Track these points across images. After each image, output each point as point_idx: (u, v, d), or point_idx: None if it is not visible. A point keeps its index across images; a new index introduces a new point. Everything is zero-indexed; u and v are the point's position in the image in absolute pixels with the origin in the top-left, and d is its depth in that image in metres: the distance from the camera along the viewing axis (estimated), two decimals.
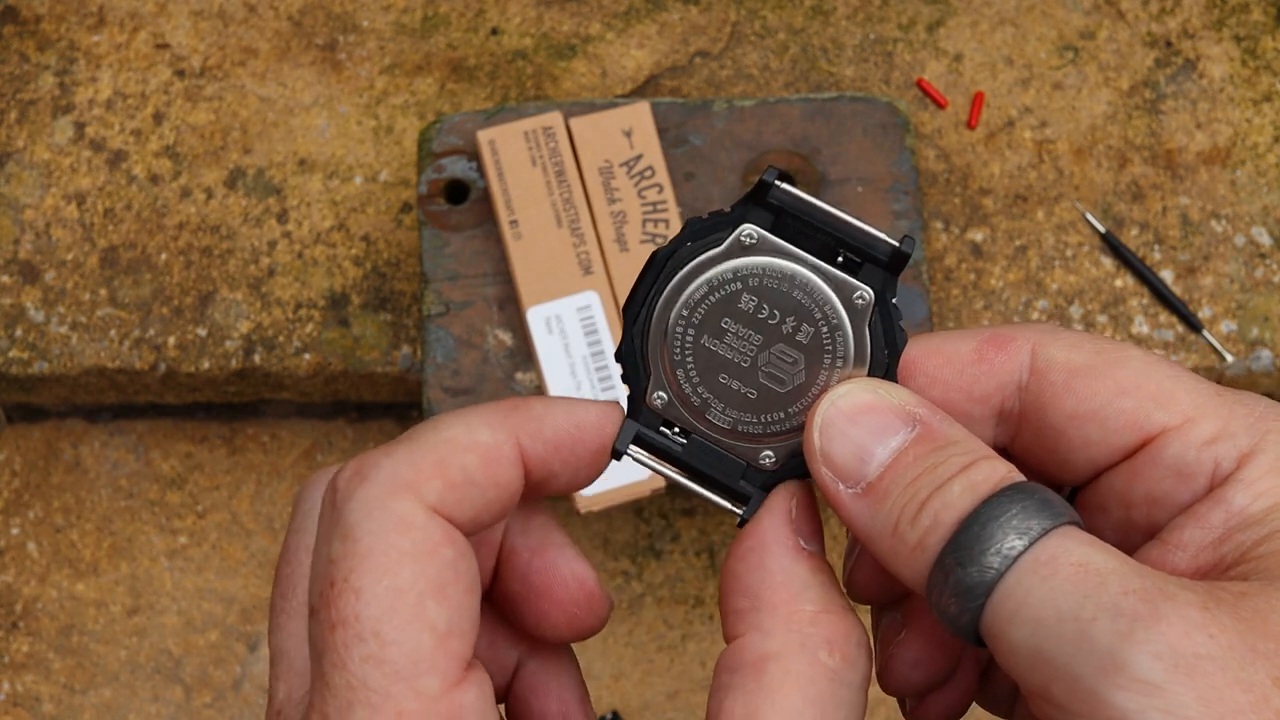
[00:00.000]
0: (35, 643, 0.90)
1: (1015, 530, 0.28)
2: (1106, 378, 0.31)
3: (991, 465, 0.29)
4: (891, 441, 0.30)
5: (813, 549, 0.31)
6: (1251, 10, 0.93)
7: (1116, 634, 0.25)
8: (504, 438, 0.30)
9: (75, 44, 0.93)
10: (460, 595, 0.28)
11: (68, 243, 0.89)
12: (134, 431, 0.93)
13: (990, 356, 0.32)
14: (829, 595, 0.30)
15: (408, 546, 0.28)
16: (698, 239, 0.32)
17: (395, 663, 0.27)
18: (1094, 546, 0.27)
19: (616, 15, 0.93)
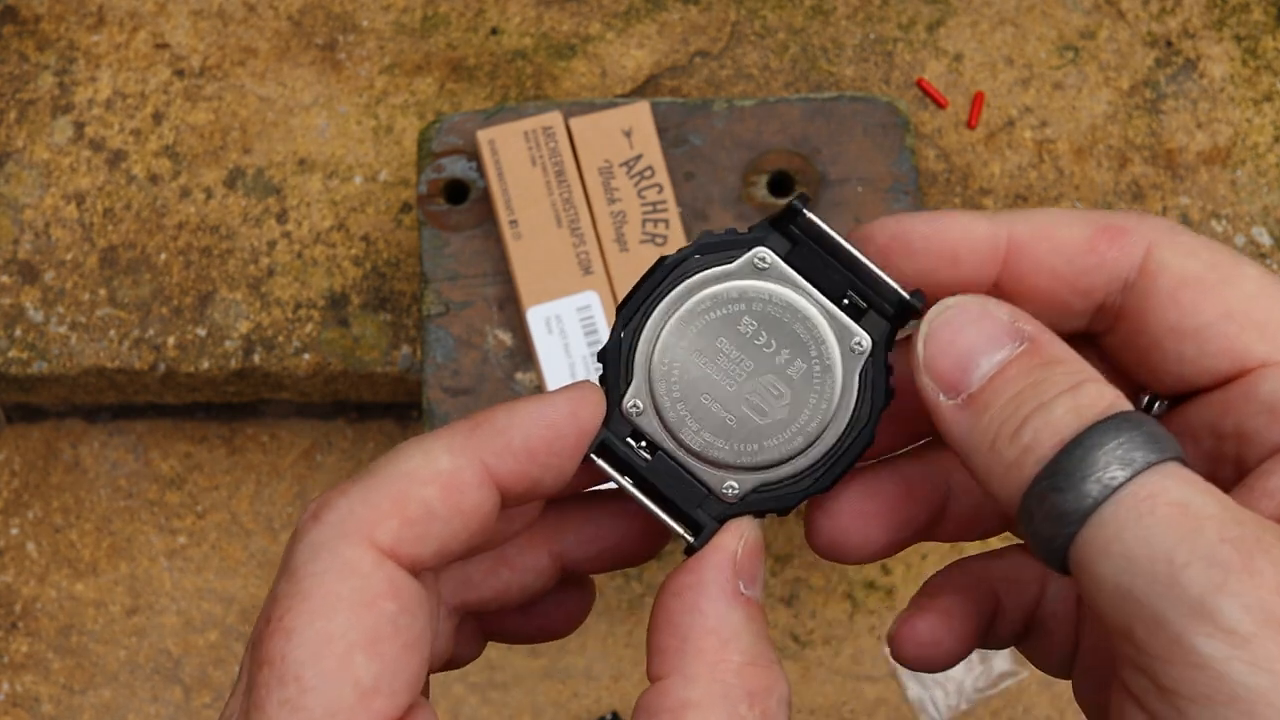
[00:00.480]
0: (34, 643, 0.90)
1: (1118, 461, 0.26)
2: (1215, 295, 0.29)
3: (1099, 389, 0.28)
4: (997, 354, 0.29)
5: (751, 594, 0.30)
6: (1252, 10, 0.93)
7: (1209, 582, 0.25)
8: (465, 462, 0.29)
9: (75, 44, 0.93)
10: (395, 651, 0.27)
11: (67, 243, 0.88)
12: (133, 431, 0.93)
13: (1102, 249, 0.30)
14: (758, 646, 0.29)
15: (346, 593, 0.27)
16: (709, 253, 0.31)
17: (310, 711, 0.26)
18: (1195, 487, 0.26)
19: (616, 15, 0.93)
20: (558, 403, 0.30)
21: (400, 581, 0.28)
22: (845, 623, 0.89)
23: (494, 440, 0.29)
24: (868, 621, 0.89)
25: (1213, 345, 0.29)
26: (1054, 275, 0.30)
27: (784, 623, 0.89)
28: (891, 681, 0.89)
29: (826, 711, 0.88)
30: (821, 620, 0.90)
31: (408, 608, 0.28)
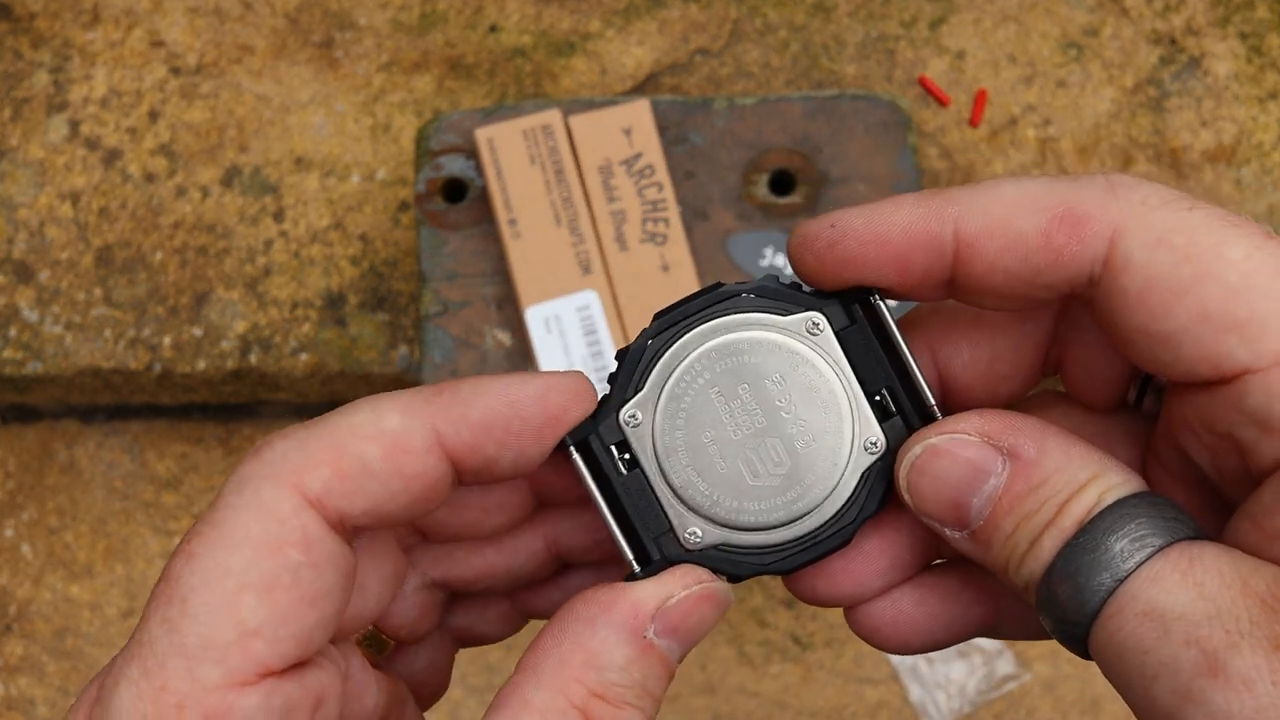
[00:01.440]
0: (29, 645, 0.90)
1: (1090, 587, 0.27)
2: (1189, 295, 0.26)
3: (1079, 503, 0.27)
4: (985, 489, 0.28)
5: (658, 642, 0.28)
6: (1256, 7, 0.93)
7: (1175, 694, 0.25)
8: (416, 424, 0.28)
9: (70, 41, 0.93)
10: (290, 601, 0.27)
11: (62, 242, 0.88)
12: (129, 432, 0.93)
13: (1059, 243, 0.27)
14: (624, 689, 0.28)
15: (256, 533, 0.27)
16: (766, 297, 0.30)
17: (185, 637, 0.26)
18: (1163, 586, 0.26)
19: (616, 12, 0.93)
20: (529, 384, 0.29)
21: (315, 533, 0.27)
22: (846, 625, 0.89)
23: (451, 409, 0.28)
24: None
25: (1188, 351, 0.26)
26: (1008, 275, 0.28)
27: (785, 625, 0.89)
28: (893, 684, 0.88)
29: (828, 714, 0.88)
30: (823, 623, 0.89)
31: (316, 561, 0.27)
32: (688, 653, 0.29)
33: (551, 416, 0.29)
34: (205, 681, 0.26)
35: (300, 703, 0.27)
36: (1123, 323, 0.27)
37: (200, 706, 0.26)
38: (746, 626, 0.89)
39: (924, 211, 0.28)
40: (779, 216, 0.74)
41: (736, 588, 0.89)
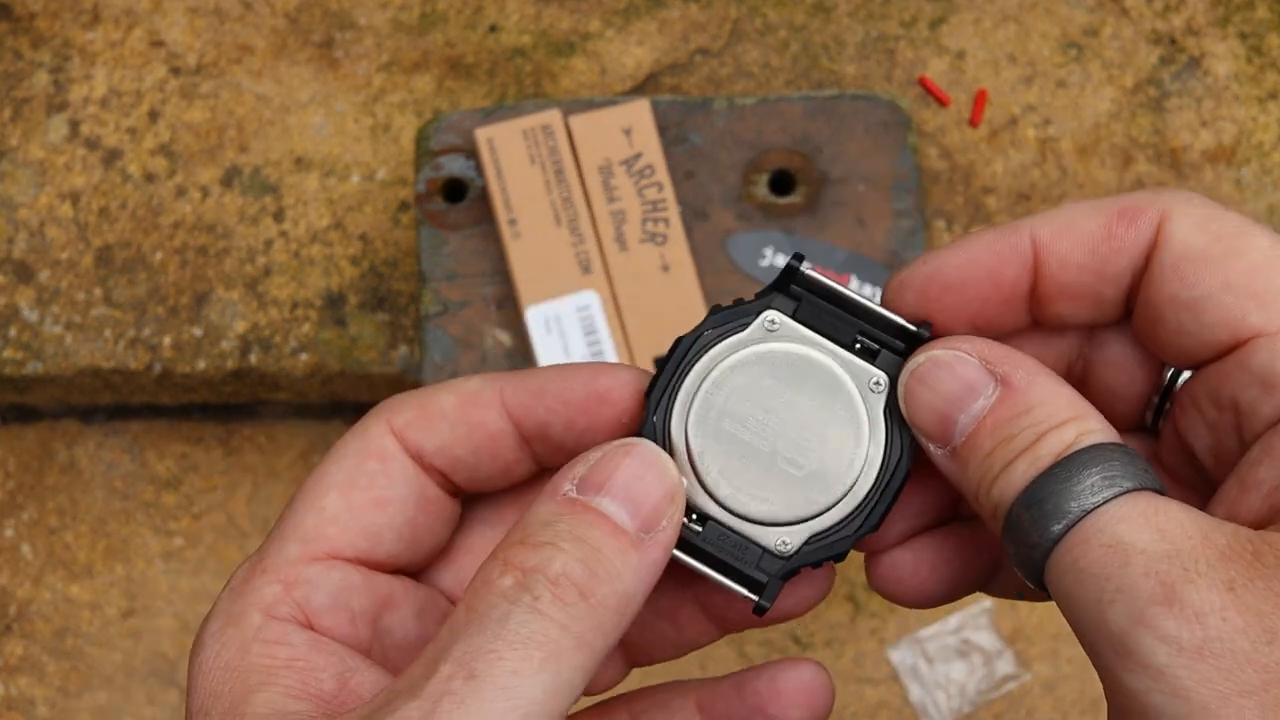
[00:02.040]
0: (29, 645, 0.90)
1: (1057, 513, 0.28)
2: (1217, 267, 0.29)
3: (1057, 434, 0.29)
4: (974, 406, 0.31)
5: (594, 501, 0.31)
6: (1256, 7, 0.92)
7: (1129, 618, 0.26)
8: (488, 385, 0.34)
9: (70, 41, 0.93)
10: (363, 501, 0.33)
11: (62, 242, 0.88)
12: (129, 432, 0.93)
13: (1120, 233, 0.31)
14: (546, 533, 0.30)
15: (350, 451, 0.33)
16: (721, 325, 0.33)
17: (283, 525, 0.33)
18: (1130, 521, 0.28)
19: (616, 12, 0.93)
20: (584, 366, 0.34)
21: (393, 451, 0.33)
22: (847, 625, 0.89)
23: (516, 377, 0.34)
24: (869, 624, 0.89)
25: (1209, 316, 0.29)
26: (1081, 269, 0.31)
27: (785, 625, 0.89)
28: (894, 684, 0.88)
29: None
30: (823, 623, 0.89)
31: (389, 471, 0.33)
32: (651, 519, 0.31)
33: (594, 392, 0.33)
34: (286, 554, 0.32)
35: (360, 589, 0.33)
36: (1158, 291, 0.30)
37: (278, 571, 0.32)
38: None
39: (1002, 230, 0.32)
40: (779, 216, 0.74)
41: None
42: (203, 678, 0.32)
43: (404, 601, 0.34)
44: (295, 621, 0.32)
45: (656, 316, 0.70)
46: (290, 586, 0.32)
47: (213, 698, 0.31)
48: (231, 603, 0.32)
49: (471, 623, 0.29)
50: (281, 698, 0.31)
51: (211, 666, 0.32)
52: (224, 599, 0.33)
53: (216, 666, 0.31)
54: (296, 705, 0.31)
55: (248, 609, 0.32)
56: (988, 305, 0.32)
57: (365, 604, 0.33)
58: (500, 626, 0.28)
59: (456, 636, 0.28)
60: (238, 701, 0.31)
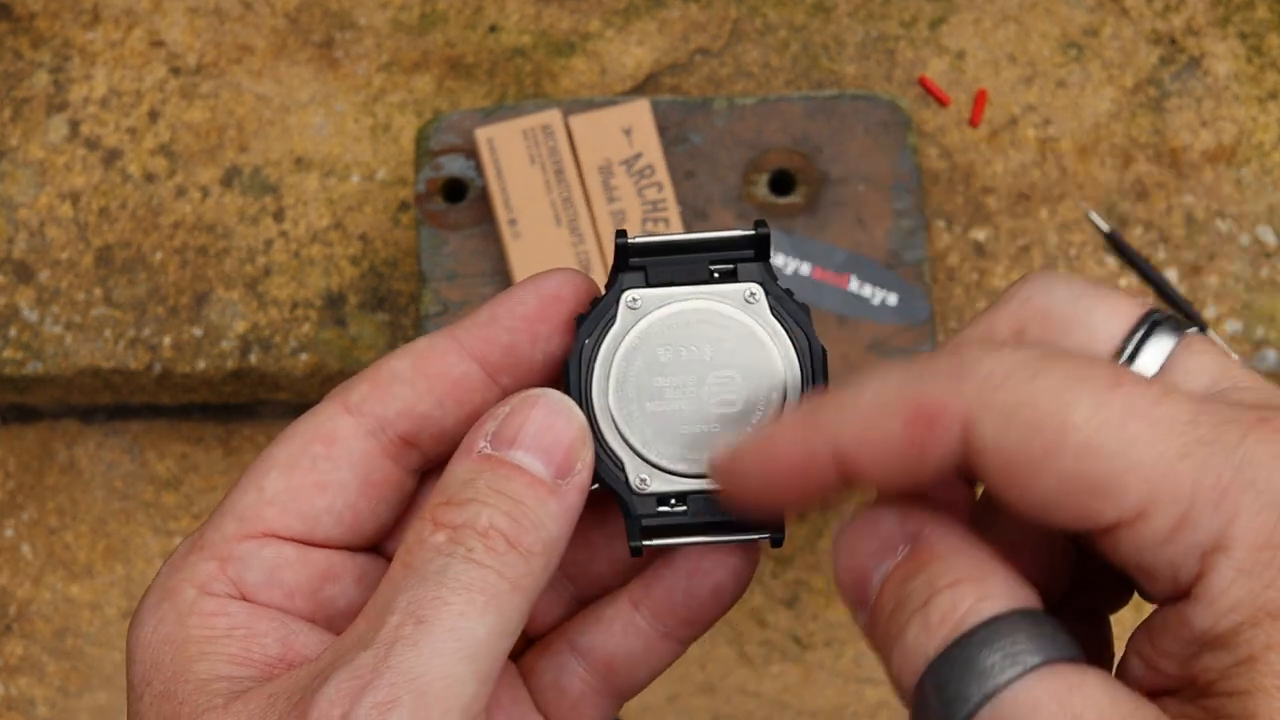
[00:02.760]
0: (29, 645, 0.90)
1: (957, 700, 0.26)
2: (1045, 469, 0.27)
3: (949, 597, 0.28)
4: (884, 565, 0.29)
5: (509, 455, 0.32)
6: (1256, 7, 0.92)
7: None
8: (439, 338, 0.34)
9: (70, 41, 0.93)
10: (304, 484, 0.33)
11: (62, 242, 0.88)
12: (129, 432, 0.93)
13: (920, 439, 0.28)
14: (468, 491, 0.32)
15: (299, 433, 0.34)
16: (593, 327, 0.33)
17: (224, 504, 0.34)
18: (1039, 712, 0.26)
19: (616, 12, 0.93)
20: (527, 281, 0.35)
21: (342, 434, 0.34)
22: (847, 625, 0.89)
23: (463, 321, 0.34)
24: None
25: (1063, 515, 0.27)
26: (889, 475, 0.29)
27: (785, 625, 0.89)
28: None
29: (828, 714, 0.88)
30: (823, 623, 0.89)
31: (333, 455, 0.34)
32: (564, 464, 0.32)
33: (546, 296, 0.34)
34: (223, 531, 0.33)
35: (295, 565, 0.34)
36: (1005, 496, 0.28)
37: (213, 549, 0.33)
38: (746, 626, 0.89)
39: (801, 431, 0.30)
40: (779, 216, 0.74)
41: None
42: (141, 651, 0.32)
43: (343, 572, 0.34)
44: (230, 595, 0.33)
45: None
46: (224, 563, 0.33)
47: (154, 669, 0.32)
48: (168, 578, 0.33)
49: (411, 576, 0.30)
50: (224, 664, 0.32)
51: (150, 640, 0.32)
52: (161, 575, 0.34)
53: (155, 640, 0.32)
54: (239, 671, 0.32)
55: (182, 584, 0.33)
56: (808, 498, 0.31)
57: (300, 579, 0.34)
58: (441, 576, 0.30)
59: (399, 590, 0.30)
60: (180, 671, 0.32)
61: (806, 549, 0.90)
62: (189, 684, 0.31)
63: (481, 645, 0.29)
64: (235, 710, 0.30)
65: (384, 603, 0.30)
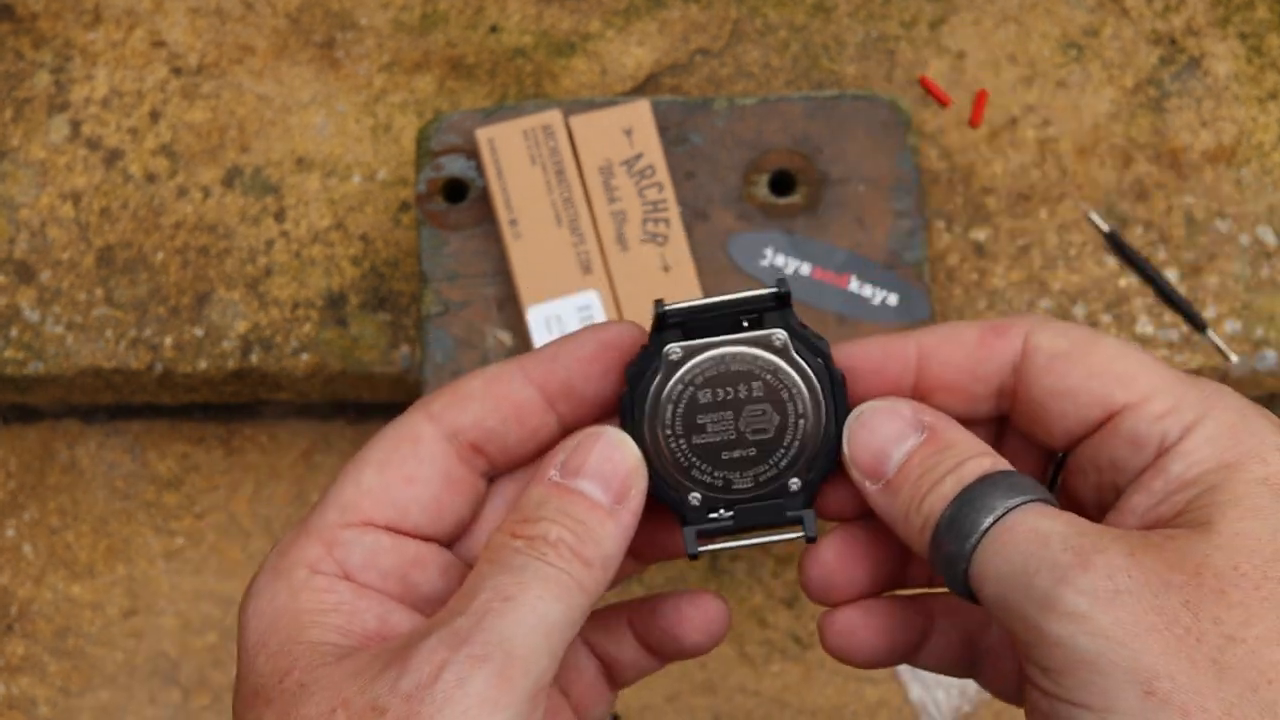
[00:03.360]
0: (31, 645, 0.90)
1: (986, 510, 0.35)
2: (1081, 362, 0.37)
3: (978, 461, 0.37)
4: (905, 445, 0.38)
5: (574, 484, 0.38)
6: (1256, 7, 0.93)
7: (1053, 580, 0.33)
8: (509, 365, 0.40)
9: (71, 41, 0.93)
10: (395, 478, 0.39)
11: (63, 242, 0.88)
12: (130, 432, 0.93)
13: (991, 342, 0.39)
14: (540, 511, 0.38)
15: (388, 436, 0.39)
16: (638, 379, 0.39)
17: (325, 497, 0.39)
18: (1047, 516, 0.35)
19: (616, 12, 0.93)
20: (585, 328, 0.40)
21: (425, 436, 0.39)
22: None
23: (533, 352, 0.40)
24: None
25: (1083, 398, 0.37)
26: (958, 369, 0.39)
27: (785, 624, 0.89)
28: (893, 683, 0.88)
29: (828, 713, 0.88)
30: None
31: (419, 453, 0.39)
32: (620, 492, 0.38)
33: (602, 343, 0.40)
34: (326, 520, 0.38)
35: (389, 551, 0.39)
36: (1037, 388, 0.38)
37: (320, 535, 0.38)
38: (747, 626, 0.89)
39: (894, 336, 0.40)
40: (779, 217, 0.74)
41: (733, 593, 0.89)
42: (256, 619, 0.37)
43: (430, 562, 0.40)
44: (337, 575, 0.38)
45: None
46: (330, 547, 0.38)
47: (270, 633, 0.37)
48: (279, 560, 0.38)
49: (496, 567, 0.36)
50: (332, 634, 0.37)
51: (265, 610, 0.37)
52: (271, 559, 0.38)
53: (270, 609, 0.37)
54: (344, 640, 0.37)
55: (295, 565, 0.38)
56: (889, 385, 0.40)
57: (394, 563, 0.39)
58: (522, 570, 0.36)
59: (485, 578, 0.36)
60: (294, 635, 0.37)
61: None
62: (302, 645, 0.36)
63: (554, 626, 0.35)
64: (345, 665, 0.35)
65: (471, 587, 0.36)
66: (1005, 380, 0.39)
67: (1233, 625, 0.32)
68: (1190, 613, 0.32)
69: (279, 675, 0.36)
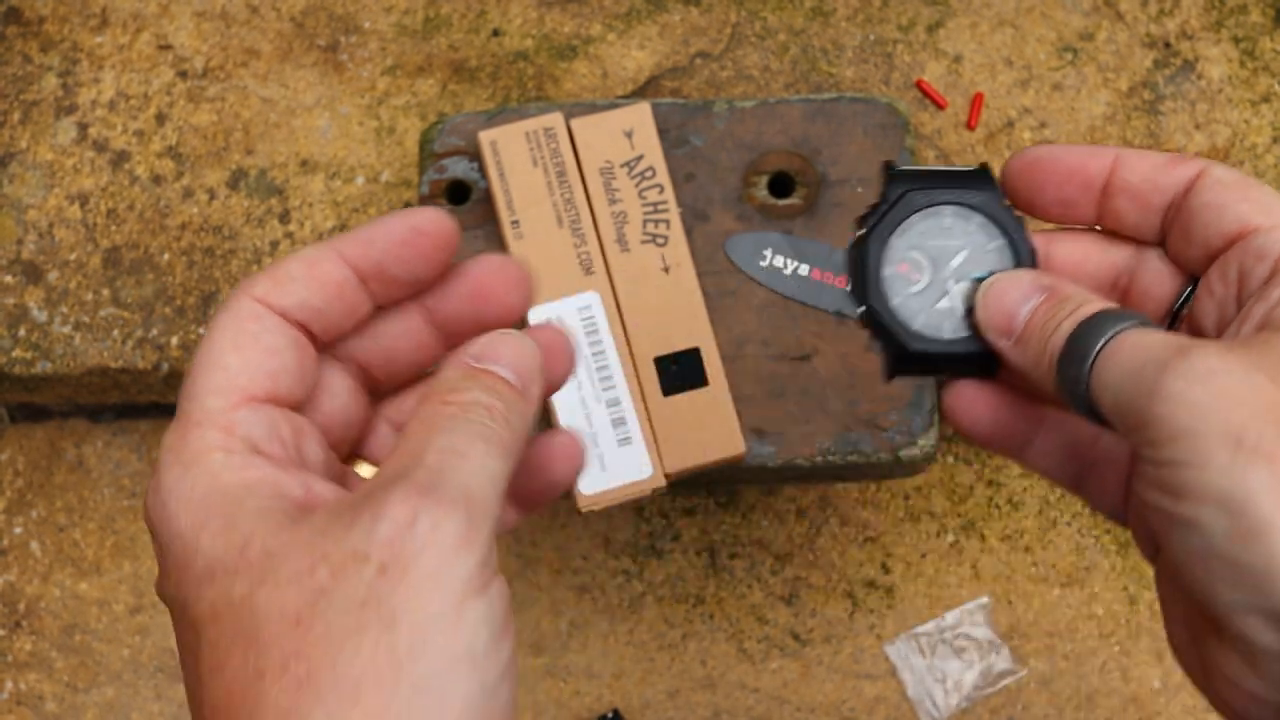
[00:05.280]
0: (38, 642, 0.90)
1: (1098, 335, 0.42)
2: (1238, 190, 0.45)
3: (1090, 305, 0.44)
4: (1029, 304, 0.45)
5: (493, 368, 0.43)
6: (1250, 11, 0.93)
7: (1157, 370, 0.39)
8: (325, 248, 0.43)
9: (78, 45, 0.94)
10: (255, 353, 0.41)
11: (71, 243, 0.89)
12: (137, 431, 0.94)
13: (1176, 162, 0.46)
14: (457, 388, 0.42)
15: (227, 322, 0.42)
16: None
17: (194, 389, 0.41)
18: (1149, 333, 0.41)
19: (617, 16, 0.94)
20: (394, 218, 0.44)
21: (261, 312, 0.42)
22: (845, 621, 0.90)
23: (347, 238, 0.44)
24: (867, 620, 0.90)
25: (1229, 215, 0.44)
26: (1144, 177, 0.46)
27: (784, 621, 0.90)
28: (891, 680, 0.89)
29: (826, 709, 0.89)
30: (822, 619, 0.90)
31: (267, 327, 0.42)
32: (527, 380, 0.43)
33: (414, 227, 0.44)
34: (209, 406, 0.40)
35: (281, 421, 0.41)
36: (1198, 200, 0.45)
37: (214, 420, 0.40)
38: (746, 623, 0.90)
39: (1095, 146, 0.48)
40: (778, 218, 0.75)
41: (732, 590, 0.90)
42: (184, 506, 0.39)
43: (310, 432, 0.43)
44: (249, 453, 0.40)
45: (657, 317, 0.71)
46: (229, 429, 0.40)
47: (206, 514, 0.38)
48: (180, 454, 0.40)
49: (436, 429, 0.39)
50: (266, 501, 0.38)
51: (190, 495, 0.39)
52: (168, 456, 0.40)
53: (197, 494, 0.39)
54: (286, 509, 0.38)
55: (203, 452, 0.39)
56: (1070, 186, 0.47)
57: (289, 433, 0.42)
58: (465, 431, 0.40)
59: (428, 438, 0.39)
60: (234, 511, 0.38)
61: (806, 547, 0.91)
62: (249, 517, 0.38)
63: (498, 477, 0.40)
64: (306, 527, 0.37)
65: (417, 446, 0.39)
66: (1177, 197, 0.46)
67: None
68: (1274, 385, 0.38)
69: (236, 549, 0.37)
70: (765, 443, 0.71)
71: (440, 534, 0.36)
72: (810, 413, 0.71)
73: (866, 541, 0.91)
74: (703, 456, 0.68)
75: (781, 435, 0.71)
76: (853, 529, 0.91)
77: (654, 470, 0.68)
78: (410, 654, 0.35)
